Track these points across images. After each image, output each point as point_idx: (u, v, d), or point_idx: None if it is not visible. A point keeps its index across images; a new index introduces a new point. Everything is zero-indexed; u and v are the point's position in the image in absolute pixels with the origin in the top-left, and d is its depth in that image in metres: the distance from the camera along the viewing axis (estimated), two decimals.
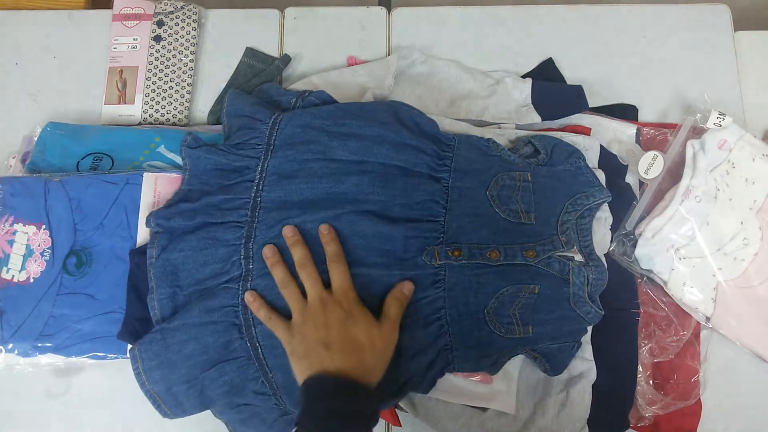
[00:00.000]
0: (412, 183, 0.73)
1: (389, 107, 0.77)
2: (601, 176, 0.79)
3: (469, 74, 0.89)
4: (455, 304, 0.70)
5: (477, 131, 0.81)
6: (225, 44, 0.93)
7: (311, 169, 0.72)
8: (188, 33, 0.91)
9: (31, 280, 0.75)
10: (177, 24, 0.91)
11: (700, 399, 0.78)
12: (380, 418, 0.76)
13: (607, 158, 0.82)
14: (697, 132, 0.82)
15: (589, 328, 0.75)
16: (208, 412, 0.72)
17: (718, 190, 0.80)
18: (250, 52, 0.92)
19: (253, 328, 0.68)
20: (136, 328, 0.71)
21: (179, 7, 0.92)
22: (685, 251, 0.79)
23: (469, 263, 0.70)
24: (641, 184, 0.83)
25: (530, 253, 0.71)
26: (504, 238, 0.71)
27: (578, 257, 0.73)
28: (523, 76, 0.90)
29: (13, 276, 0.75)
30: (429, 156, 0.74)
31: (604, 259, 0.76)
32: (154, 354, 0.68)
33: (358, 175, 0.72)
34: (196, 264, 0.70)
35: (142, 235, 0.76)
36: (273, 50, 0.93)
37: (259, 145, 0.75)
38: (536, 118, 0.85)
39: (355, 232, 0.70)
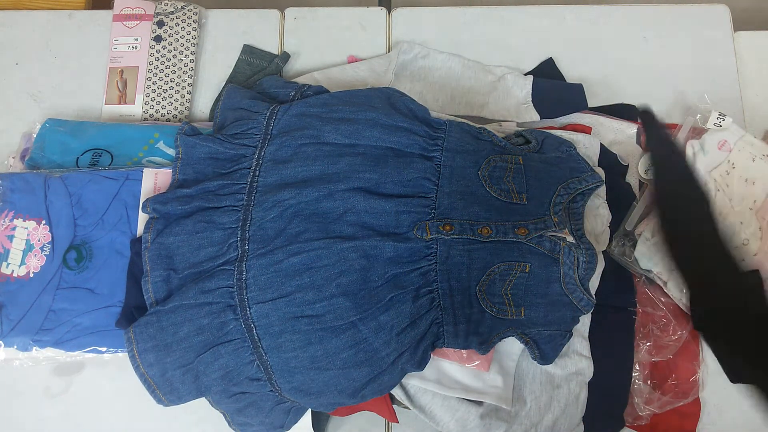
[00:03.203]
0: (403, 162, 0.73)
1: (382, 93, 0.78)
2: (602, 175, 0.79)
3: (470, 70, 0.90)
4: (447, 278, 0.70)
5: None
6: (225, 44, 0.93)
7: (305, 153, 0.74)
8: (188, 33, 0.92)
9: (31, 275, 0.75)
10: (177, 24, 0.92)
11: (699, 399, 0.78)
12: (377, 415, 0.76)
13: (607, 158, 0.83)
14: (697, 132, 0.82)
15: (587, 324, 0.76)
16: (208, 412, 0.72)
17: (718, 190, 0.80)
18: (248, 50, 0.92)
19: (248, 309, 0.68)
20: (134, 317, 0.71)
21: (179, 7, 0.92)
22: None
23: (460, 238, 0.70)
24: (641, 184, 0.83)
25: (522, 231, 0.71)
26: (496, 215, 0.72)
27: (569, 239, 0.73)
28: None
29: (12, 271, 0.75)
30: (421, 137, 0.75)
31: (596, 248, 0.76)
32: (149, 336, 0.68)
33: (351, 156, 0.73)
34: (191, 248, 0.71)
35: (142, 229, 0.76)
36: (273, 50, 0.93)
37: (257, 134, 0.76)
38: (535, 116, 0.85)
39: (348, 209, 0.71)
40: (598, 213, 0.79)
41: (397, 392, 0.74)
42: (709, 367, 0.79)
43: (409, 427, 0.78)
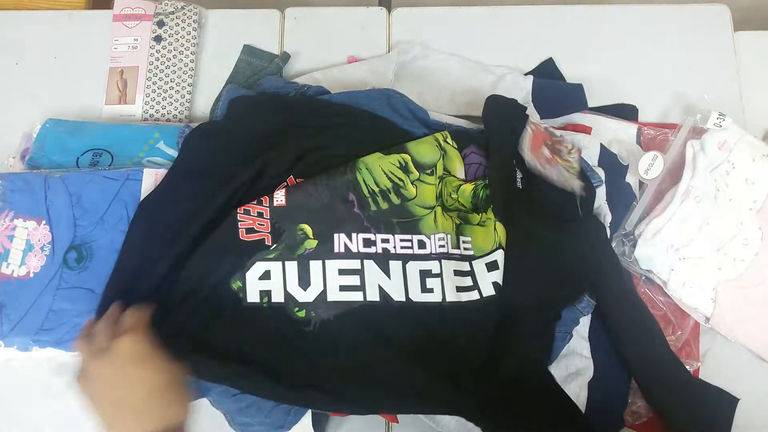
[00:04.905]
0: None
1: (381, 94, 0.78)
2: (601, 175, 0.79)
3: (470, 71, 0.90)
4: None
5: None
6: (225, 44, 0.93)
7: None
8: (188, 33, 0.91)
9: (31, 275, 0.75)
10: (177, 24, 0.92)
11: None
12: (378, 416, 0.76)
13: (607, 158, 0.82)
14: (698, 132, 0.82)
15: (587, 324, 0.76)
16: (209, 412, 0.72)
17: (718, 190, 0.80)
18: (248, 50, 0.92)
19: None
20: None
21: (179, 7, 0.92)
22: (685, 251, 0.79)
23: None
24: (641, 184, 0.83)
25: None
26: None
27: None
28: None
29: (12, 271, 0.75)
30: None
31: None
32: None
33: None
34: None
35: None
36: (273, 50, 0.93)
37: None
38: (535, 117, 0.85)
39: None
40: (597, 214, 0.79)
41: None
42: (708, 366, 0.79)
43: (409, 427, 0.78)
